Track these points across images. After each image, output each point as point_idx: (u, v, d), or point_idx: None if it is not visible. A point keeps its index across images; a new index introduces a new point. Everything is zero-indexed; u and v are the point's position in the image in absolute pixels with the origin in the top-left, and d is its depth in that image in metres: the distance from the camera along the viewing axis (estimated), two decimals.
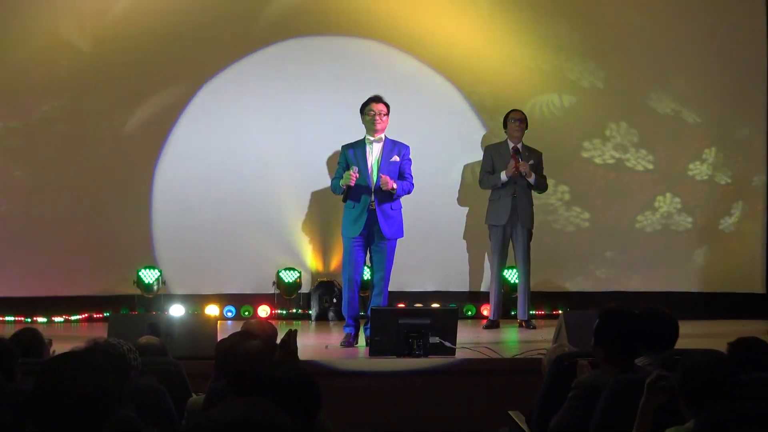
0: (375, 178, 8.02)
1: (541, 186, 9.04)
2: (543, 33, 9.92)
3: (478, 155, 9.56)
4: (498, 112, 9.47)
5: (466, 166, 9.85)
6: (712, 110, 10.04)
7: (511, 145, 8.99)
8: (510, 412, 5.86)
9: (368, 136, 8.18)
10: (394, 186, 7.94)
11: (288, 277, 9.59)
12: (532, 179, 8.87)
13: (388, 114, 8.18)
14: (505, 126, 9.11)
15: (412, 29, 9.83)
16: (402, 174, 8.13)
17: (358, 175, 7.88)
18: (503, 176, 8.85)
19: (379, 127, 8.12)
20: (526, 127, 9.05)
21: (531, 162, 8.87)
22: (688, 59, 10.01)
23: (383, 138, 8.17)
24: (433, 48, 9.86)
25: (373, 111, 8.11)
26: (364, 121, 8.20)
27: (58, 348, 5.08)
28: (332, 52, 9.82)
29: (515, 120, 9.03)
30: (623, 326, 4.87)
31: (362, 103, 8.22)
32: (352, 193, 8.00)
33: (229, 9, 9.64)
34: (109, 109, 9.57)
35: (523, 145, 9.02)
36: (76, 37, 9.48)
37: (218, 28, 9.65)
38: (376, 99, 8.17)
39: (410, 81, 9.79)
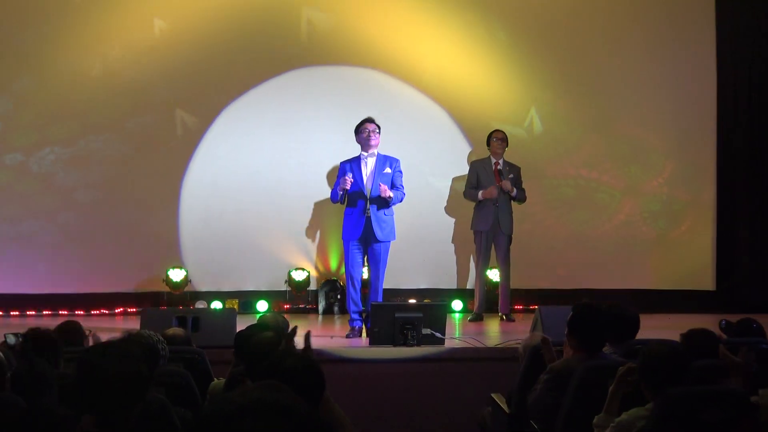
0: (370, 189, 8.03)
1: (521, 198, 9.05)
2: (522, 66, 9.93)
3: (465, 169, 9.55)
4: (482, 132, 9.45)
5: (454, 179, 9.82)
6: (671, 135, 10.05)
7: (493, 161, 8.99)
8: (492, 395, 5.86)
9: (363, 153, 8.19)
10: (390, 195, 7.95)
11: (298, 276, 9.57)
12: (513, 193, 8.90)
13: (379, 132, 8.21)
14: (488, 144, 9.10)
15: (406, 60, 9.84)
16: (393, 185, 8.14)
17: (352, 181, 7.92)
18: (480, 195, 8.91)
19: (372, 143, 8.14)
20: (507, 145, 9.06)
21: (511, 176, 8.90)
22: (651, 91, 10.01)
23: (376, 153, 8.19)
24: (425, 76, 9.87)
25: (367, 129, 8.14)
26: (359, 140, 8.20)
27: (97, 339, 5.08)
28: (336, 80, 9.82)
29: (497, 139, 9.04)
30: (592, 319, 4.88)
31: (358, 122, 8.24)
32: (350, 202, 8.03)
33: (249, 42, 9.64)
34: (143, 130, 9.59)
35: (504, 161, 9.02)
36: (116, 63, 9.50)
37: (239, 59, 9.67)
38: (369, 120, 8.21)
39: (405, 104, 9.79)
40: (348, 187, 7.91)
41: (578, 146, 10.02)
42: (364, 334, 7.75)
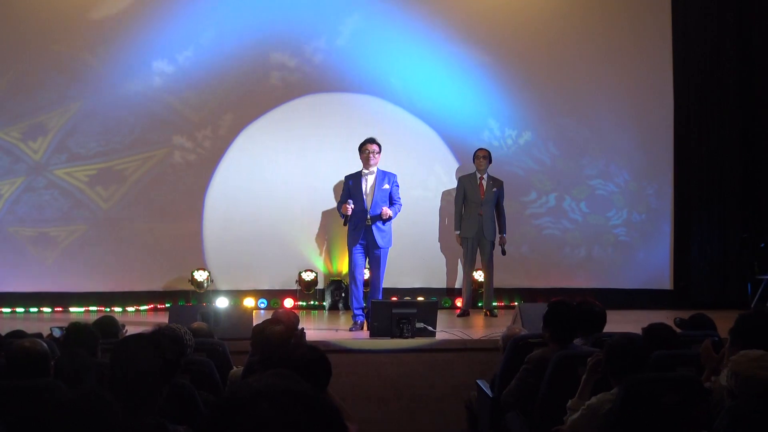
0: (370, 202, 8.05)
1: (503, 226, 9.07)
2: (501, 93, 9.93)
3: (453, 183, 9.58)
4: (468, 150, 9.45)
5: (444, 192, 9.82)
6: (633, 156, 10.04)
7: (478, 176, 8.99)
8: (477, 380, 5.86)
9: (364, 170, 8.20)
10: (390, 215, 7.99)
11: (307, 276, 9.55)
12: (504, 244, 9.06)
13: (380, 152, 8.21)
14: (473, 161, 9.10)
15: (400, 88, 9.84)
16: (391, 198, 8.15)
17: (353, 207, 7.93)
18: (459, 233, 9.05)
19: (372, 162, 8.15)
20: (490, 162, 9.05)
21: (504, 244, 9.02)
22: (615, 120, 10.01)
23: (375, 170, 8.20)
24: (417, 101, 9.86)
25: (368, 150, 8.15)
26: (361, 158, 8.22)
27: (130, 331, 5.07)
28: (339, 105, 9.80)
29: (481, 156, 9.04)
30: (565, 314, 4.89)
31: (360, 142, 8.25)
32: (354, 214, 8.01)
33: (263, 72, 9.65)
34: (173, 149, 9.59)
35: (488, 176, 9.02)
36: (155, 91, 9.53)
37: (255, 87, 9.67)
38: (371, 140, 8.21)
39: (399, 126, 9.76)
40: (349, 213, 7.94)
41: (552, 165, 10.00)
42: (365, 327, 7.75)
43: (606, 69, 10.03)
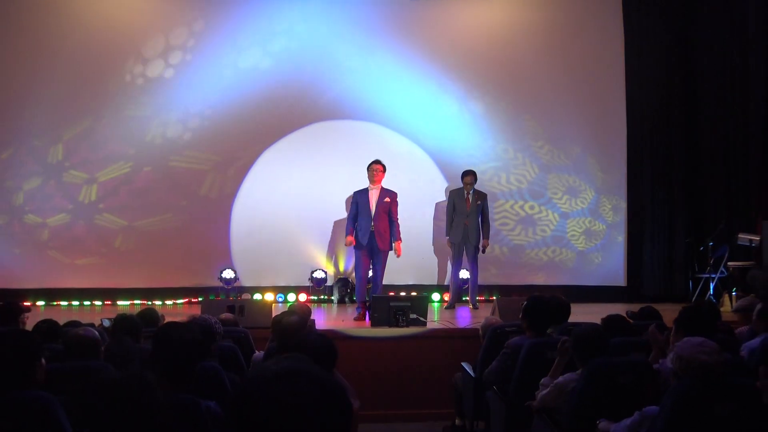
0: (374, 212, 8.09)
1: (487, 232, 9.00)
2: (484, 121, 9.96)
3: (443, 197, 9.66)
4: (456, 170, 9.45)
5: (436, 204, 9.84)
6: (594, 175, 10.08)
7: (465, 192, 8.96)
8: (462, 363, 5.86)
9: (370, 185, 8.24)
10: (399, 242, 8.23)
11: (318, 274, 9.55)
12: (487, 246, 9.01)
13: (384, 171, 8.25)
14: (461, 179, 9.07)
15: (397, 116, 9.85)
16: (390, 213, 8.20)
17: (355, 242, 8.11)
18: (449, 238, 9.04)
19: (377, 179, 8.21)
20: (475, 180, 9.02)
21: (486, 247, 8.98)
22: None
23: (380, 186, 8.23)
24: (412, 127, 9.88)
25: (375, 169, 8.23)
26: (368, 175, 8.25)
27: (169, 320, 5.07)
28: (346, 131, 9.83)
29: (467, 175, 9.01)
30: (541, 308, 4.89)
31: (369, 163, 8.30)
32: (360, 222, 8.10)
33: (281, 103, 9.66)
34: (206, 166, 9.61)
35: (474, 190, 8.97)
36: (195, 119, 9.55)
37: (274, 115, 9.68)
38: (377, 162, 8.29)
39: (399, 151, 9.77)
40: (350, 245, 8.23)
41: (527, 181, 10.02)
42: (367, 318, 7.74)
43: (573, 105, 10.03)
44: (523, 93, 10.05)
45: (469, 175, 9.02)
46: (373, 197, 8.21)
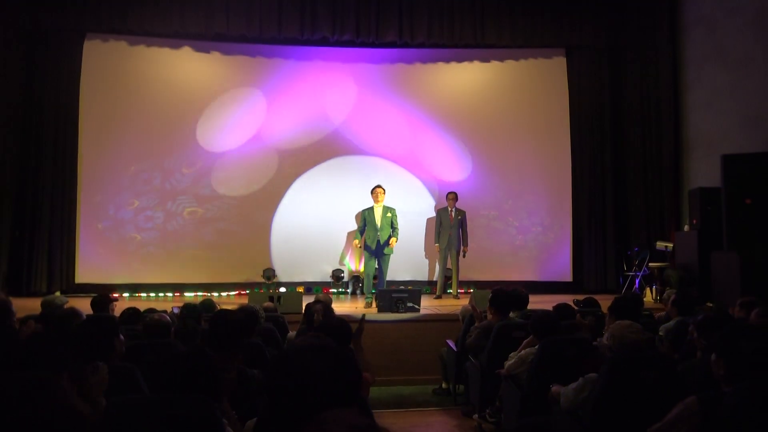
0: (379, 225, 8.08)
1: (465, 240, 8.97)
2: (463, 151, 9.96)
3: (432, 213, 9.62)
4: (441, 192, 9.47)
5: (427, 219, 9.80)
6: (544, 196, 10.05)
7: (449, 209, 8.93)
8: (447, 340, 5.84)
9: (374, 205, 8.23)
10: (392, 246, 8.16)
11: (338, 273, 9.54)
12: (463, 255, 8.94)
13: (384, 193, 8.23)
14: (446, 199, 9.08)
15: (400, 151, 9.85)
16: (392, 223, 8.18)
17: (362, 245, 8.14)
18: (437, 245, 8.96)
19: (379, 200, 8.20)
20: (456, 200, 9.01)
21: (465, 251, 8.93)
22: (534, 189, 10.04)
23: (381, 205, 8.21)
24: (411, 162, 9.87)
25: (377, 192, 8.22)
26: (372, 197, 8.25)
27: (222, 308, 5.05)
28: (357, 163, 9.80)
29: (450, 197, 8.99)
30: (503, 297, 4.88)
31: (372, 187, 8.30)
32: (368, 233, 8.14)
33: (305, 142, 9.68)
34: (254, 190, 9.61)
35: (456, 209, 8.95)
36: (236, 152, 9.56)
37: (301, 152, 9.69)
38: (378, 186, 8.29)
39: (399, 180, 9.75)
40: (358, 246, 8.26)
41: (496, 199, 9.99)
42: (374, 306, 7.73)
43: (531, 145, 10.02)
44: (494, 135, 10.02)
45: (452, 196, 9.01)
46: (378, 213, 8.20)
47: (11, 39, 8.87)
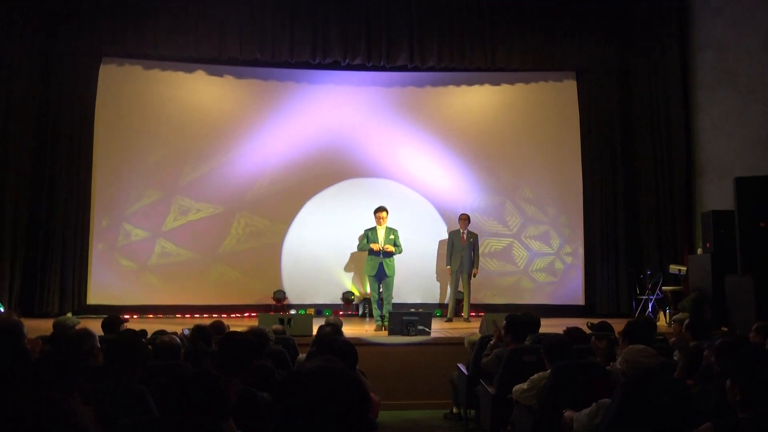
0: (381, 248, 8.04)
1: (476, 262, 8.95)
2: (474, 175, 9.97)
3: (443, 236, 9.61)
4: (453, 214, 9.44)
5: (439, 241, 9.78)
6: (559, 221, 10.01)
7: (461, 231, 8.91)
8: (458, 364, 5.79)
9: (377, 227, 8.23)
10: (392, 250, 8.05)
11: (348, 296, 9.52)
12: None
13: (387, 215, 8.20)
14: (458, 221, 9.05)
15: (405, 172, 9.88)
16: (394, 242, 8.15)
17: (378, 247, 7.99)
18: (448, 267, 8.91)
19: (382, 223, 8.17)
20: (469, 222, 9.00)
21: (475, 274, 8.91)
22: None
23: (384, 227, 8.19)
24: (416, 181, 9.90)
25: (379, 215, 8.19)
26: (375, 219, 8.24)
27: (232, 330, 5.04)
28: (365, 185, 9.84)
29: (463, 219, 8.99)
30: (518, 322, 4.85)
31: (374, 209, 8.29)
32: (372, 255, 8.08)
33: (316, 166, 9.74)
34: (265, 213, 9.65)
35: (468, 231, 8.93)
36: (257, 179, 9.63)
37: (311, 176, 9.75)
38: (381, 209, 8.23)
39: (409, 201, 9.79)
40: (374, 249, 8.06)
41: (506, 219, 9.97)
42: (384, 329, 7.69)
43: (542, 169, 10.04)
44: (505, 157, 10.04)
45: (464, 217, 9.00)
46: (381, 235, 8.18)
47: (28, 62, 9.02)
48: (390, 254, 8.07)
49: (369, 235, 8.21)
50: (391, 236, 8.19)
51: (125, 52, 9.32)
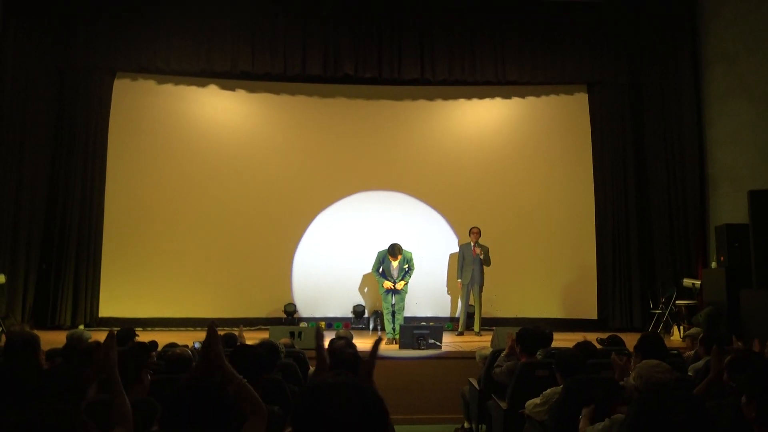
0: (395, 277, 8.11)
1: (487, 262, 8.89)
2: (480, 189, 9.96)
3: (453, 249, 9.59)
4: (464, 226, 9.39)
5: (450, 254, 9.76)
6: (569, 233, 9.96)
7: (472, 244, 8.87)
8: (469, 378, 5.75)
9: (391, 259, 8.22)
10: (403, 287, 8.15)
11: (358, 308, 9.50)
12: (482, 257, 8.81)
13: (401, 254, 8.14)
14: (469, 234, 9.03)
15: (416, 185, 9.89)
16: (407, 262, 8.16)
17: (390, 285, 8.09)
18: (459, 280, 8.88)
19: (396, 258, 8.11)
20: (479, 235, 8.97)
21: (482, 252, 8.83)
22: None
23: (398, 258, 8.15)
24: (428, 193, 9.90)
25: (394, 255, 8.12)
26: (389, 256, 8.15)
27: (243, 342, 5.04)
28: (377, 199, 9.85)
29: (473, 232, 8.95)
30: (529, 336, 4.81)
31: (389, 248, 8.15)
32: (383, 276, 8.16)
33: (328, 180, 9.78)
34: (278, 224, 9.67)
35: (478, 243, 8.90)
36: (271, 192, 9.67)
37: (322, 189, 9.78)
38: (394, 252, 8.11)
39: (420, 213, 9.80)
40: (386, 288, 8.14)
41: (517, 233, 9.91)
42: (395, 342, 7.66)
43: (553, 186, 10.01)
44: (516, 171, 10.02)
45: (475, 230, 8.98)
46: (394, 265, 8.18)
47: (44, 77, 9.15)
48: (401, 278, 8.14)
49: (383, 267, 8.22)
50: (405, 266, 8.20)
51: (139, 67, 9.43)
